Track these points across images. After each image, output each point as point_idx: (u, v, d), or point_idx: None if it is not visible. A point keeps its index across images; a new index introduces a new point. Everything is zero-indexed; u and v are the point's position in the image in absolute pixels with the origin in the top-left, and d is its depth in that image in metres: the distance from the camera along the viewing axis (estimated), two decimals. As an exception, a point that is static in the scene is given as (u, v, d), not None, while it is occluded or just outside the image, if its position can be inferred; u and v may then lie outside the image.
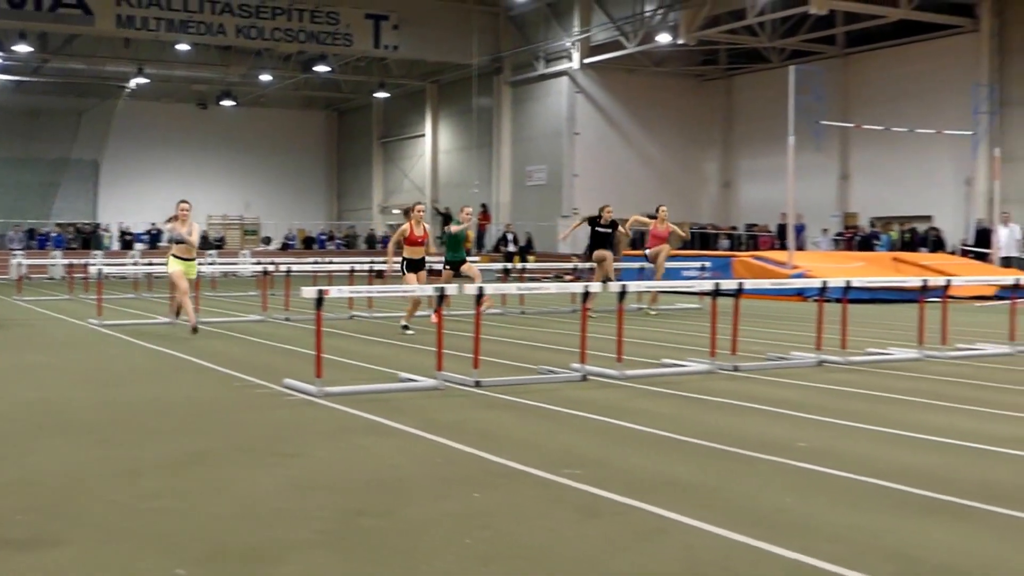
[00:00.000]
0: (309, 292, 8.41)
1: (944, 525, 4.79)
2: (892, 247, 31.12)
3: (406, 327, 13.68)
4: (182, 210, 13.18)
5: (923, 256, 26.67)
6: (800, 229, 31.73)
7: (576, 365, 9.66)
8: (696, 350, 11.10)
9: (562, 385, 9.16)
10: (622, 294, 10.19)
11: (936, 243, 30.91)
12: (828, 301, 11.67)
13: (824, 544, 4.41)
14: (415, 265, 13.92)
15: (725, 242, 37.73)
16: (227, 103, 48.38)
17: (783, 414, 7.78)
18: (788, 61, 34.66)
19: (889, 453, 6.41)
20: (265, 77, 45.02)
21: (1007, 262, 26.75)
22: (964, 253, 29.16)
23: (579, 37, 39.26)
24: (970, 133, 29.23)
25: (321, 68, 41.75)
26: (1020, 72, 31.68)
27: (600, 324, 10.52)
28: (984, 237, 28.82)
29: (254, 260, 30.25)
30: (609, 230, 17.03)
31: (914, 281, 13.04)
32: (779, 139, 27.75)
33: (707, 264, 20.15)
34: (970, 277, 19.07)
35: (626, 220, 18.88)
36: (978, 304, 19.68)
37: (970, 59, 32.57)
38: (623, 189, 39.44)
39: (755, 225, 37.92)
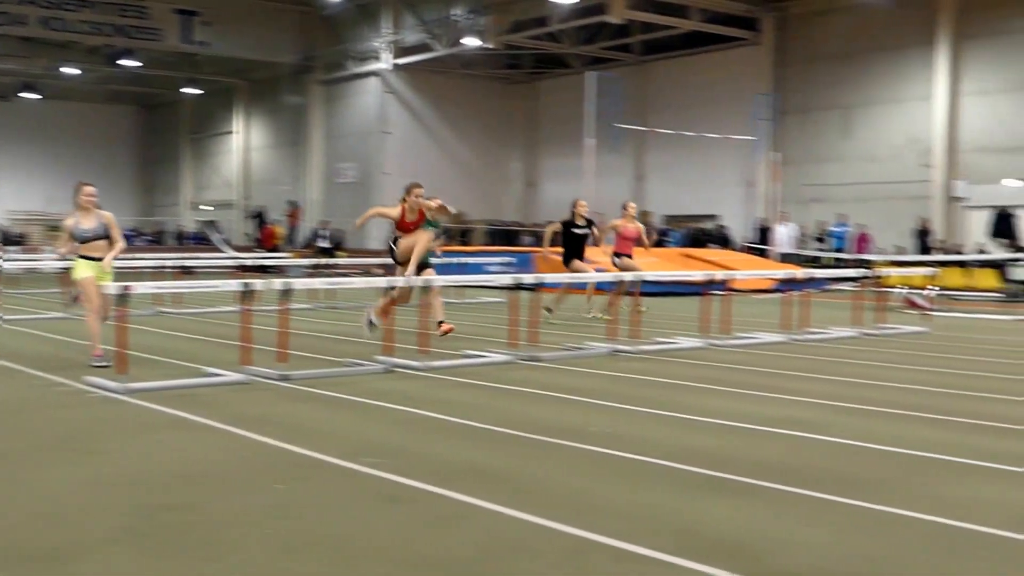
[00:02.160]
0: (113, 288, 8.11)
1: (722, 501, 5.02)
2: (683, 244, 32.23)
3: (372, 323, 11.58)
4: (87, 196, 9.95)
5: (711, 252, 27.71)
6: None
7: (381, 358, 9.65)
8: (498, 342, 11.24)
9: (367, 377, 9.13)
10: (425, 288, 10.23)
11: (723, 240, 32.20)
12: (622, 294, 12.02)
13: (611, 522, 4.55)
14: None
15: (528, 239, 38.27)
16: (30, 95, 46.01)
17: (578, 401, 7.97)
18: (589, 67, 35.39)
19: (673, 436, 6.66)
20: (70, 70, 43.04)
21: (785, 258, 28.15)
22: (747, 250, 30.46)
23: (389, 39, 39.10)
24: (752, 139, 30.58)
25: (128, 62, 40.22)
26: (798, 83, 33.31)
27: (405, 317, 10.54)
28: (765, 235, 30.24)
29: (58, 256, 28.87)
30: (586, 230, 15.13)
31: (700, 275, 13.55)
32: (580, 141, 28.37)
33: (511, 260, 20.44)
34: (751, 272, 19.98)
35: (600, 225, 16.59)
36: (758, 296, 20.62)
37: (753, 70, 34.03)
38: (432, 187, 39.17)
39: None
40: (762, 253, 29.23)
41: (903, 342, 13.03)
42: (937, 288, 18.63)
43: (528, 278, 11.72)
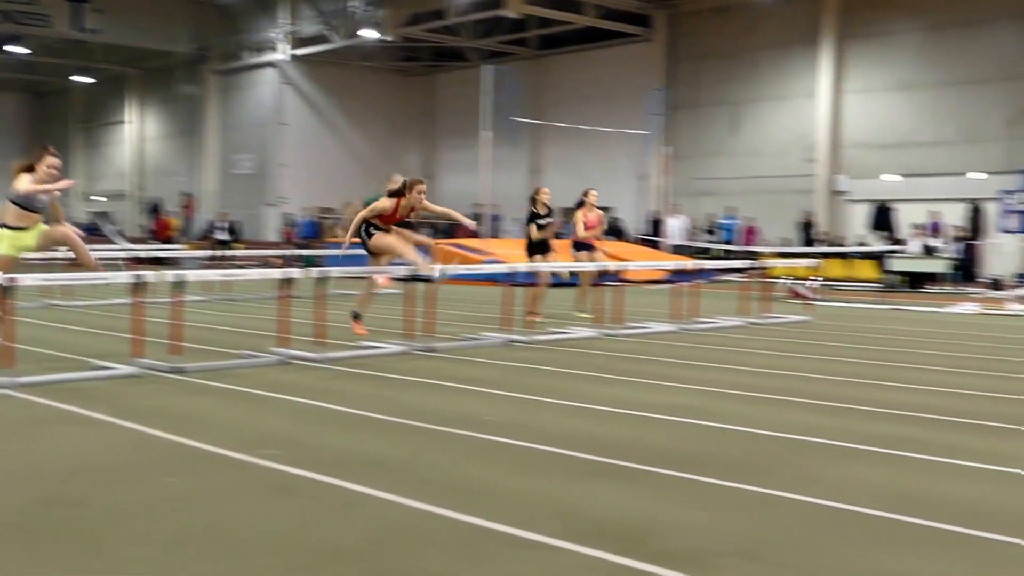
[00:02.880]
0: (-2, 280, 7.86)
1: (609, 486, 5.11)
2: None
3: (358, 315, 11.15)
4: (51, 167, 9.24)
5: (605, 244, 27.97)
6: (495, 219, 32.64)
7: (276, 349, 9.56)
8: (395, 332, 11.22)
9: (262, 369, 9.03)
10: (322, 279, 10.16)
11: (617, 232, 32.57)
12: (518, 285, 12.10)
13: (503, 508, 4.60)
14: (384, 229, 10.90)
15: (427, 230, 38.19)
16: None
17: (473, 390, 8.02)
18: (486, 61, 35.46)
19: (564, 423, 6.75)
20: (-47, 56, 41.59)
21: (677, 249, 28.63)
22: (640, 241, 30.89)
23: (286, 29, 38.60)
24: (645, 133, 30.99)
25: (16, 49, 38.93)
26: (689, 79, 33.85)
27: (302, 309, 10.45)
28: (657, 227, 30.70)
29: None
30: (551, 218, 14.24)
31: (594, 267, 13.71)
32: (477, 134, 28.41)
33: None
34: (644, 263, 20.28)
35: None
36: (650, 287, 20.94)
37: (647, 66, 34.48)
38: (330, 179, 39.23)
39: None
40: (654, 245, 29.68)
41: (787, 331, 13.37)
42: (820, 279, 19.16)
43: (424, 269, 11.70)
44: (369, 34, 35.25)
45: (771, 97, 32.22)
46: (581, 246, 14.71)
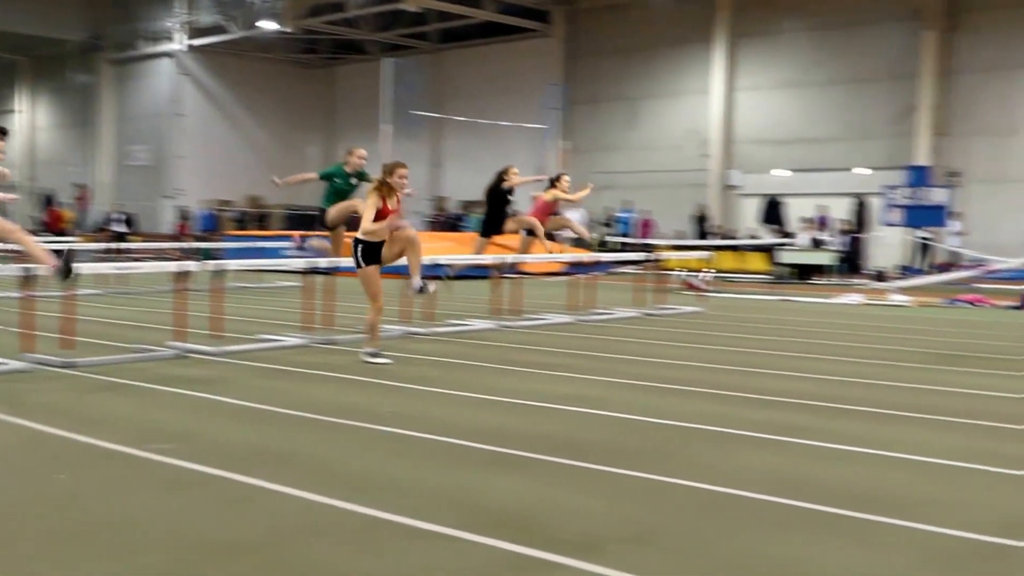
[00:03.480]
0: None
1: (505, 475, 5.12)
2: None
3: (374, 355, 9.06)
4: None
5: (505, 236, 28.02)
6: (397, 211, 32.38)
7: (172, 343, 9.37)
8: (294, 326, 11.09)
9: (157, 363, 8.84)
10: (219, 273, 9.99)
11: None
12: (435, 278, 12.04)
13: (400, 499, 4.58)
14: (374, 253, 9.12)
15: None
16: None
17: (372, 382, 7.97)
18: (386, 54, 35.21)
19: (462, 414, 6.75)
20: None
21: (575, 242, 28.81)
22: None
23: (183, 19, 37.80)
24: (544, 127, 31.13)
25: (-101, 35, 37.45)
26: (587, 74, 34.11)
27: (199, 302, 10.24)
28: (556, 220, 30.86)
29: None
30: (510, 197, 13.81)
31: (492, 259, 13.74)
32: (377, 127, 28.19)
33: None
34: (541, 255, 20.33)
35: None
36: (548, 279, 21.05)
37: (545, 60, 34.65)
38: (229, 172, 38.60)
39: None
40: (552, 237, 29.81)
41: (681, 321, 13.58)
42: (712, 271, 19.51)
43: (323, 262, 11.61)
44: (268, 25, 34.73)
45: (667, 93, 32.66)
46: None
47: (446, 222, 34.32)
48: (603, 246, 28.33)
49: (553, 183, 14.44)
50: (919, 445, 5.91)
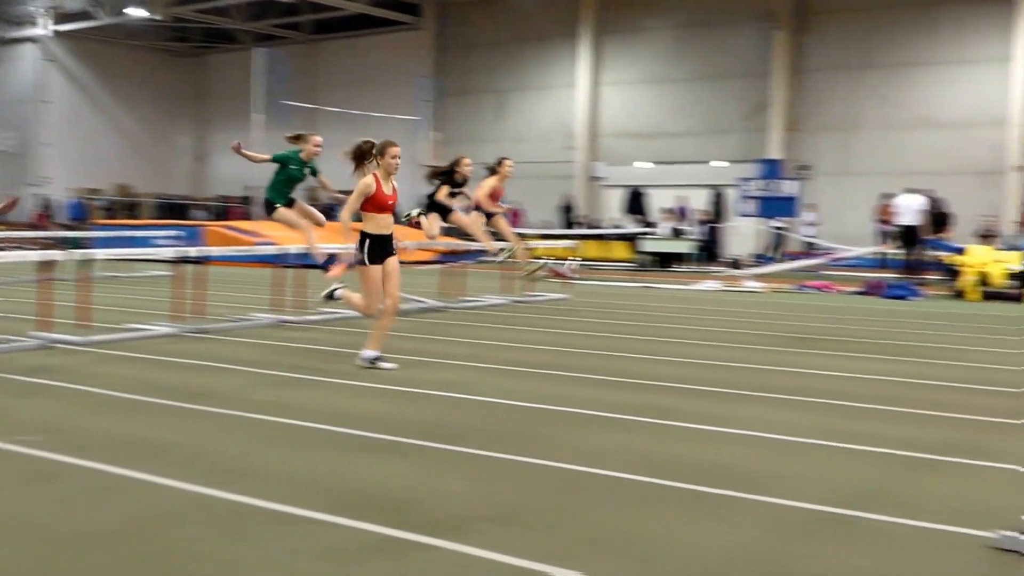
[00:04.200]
0: None
1: (376, 461, 5.09)
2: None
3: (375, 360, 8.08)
4: None
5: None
6: (269, 200, 31.82)
7: (36, 333, 9.00)
8: (164, 314, 10.79)
9: (21, 354, 8.47)
10: (86, 262, 9.64)
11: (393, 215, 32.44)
12: (289, 267, 11.88)
13: (271, 486, 4.51)
14: (382, 248, 8.22)
15: (200, 213, 36.94)
16: None
17: (242, 371, 7.81)
18: (258, 44, 34.49)
19: (331, 400, 6.69)
20: None
21: (449, 231, 28.76)
22: (415, 224, 30.84)
23: (48, 3, 36.29)
24: (416, 118, 31.00)
25: None
26: (458, 67, 34.09)
27: (66, 292, 9.87)
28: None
29: None
30: (463, 191, 13.18)
31: (416, 245, 13.61)
32: (250, 116, 27.64)
33: (180, 233, 19.67)
34: (415, 243, 20.25)
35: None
36: (421, 267, 20.99)
37: (417, 53, 34.50)
38: (97, 160, 37.32)
39: (227, 197, 37.55)
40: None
41: (547, 308, 13.72)
42: (578, 259, 19.73)
43: (193, 251, 11.34)
44: (136, 12, 33.62)
45: (535, 87, 32.89)
46: (491, 216, 13.65)
47: (320, 211, 33.86)
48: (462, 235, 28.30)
49: (495, 169, 13.76)
50: (769, 423, 6.10)
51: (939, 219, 21.84)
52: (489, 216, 13.67)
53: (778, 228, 25.88)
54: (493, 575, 3.52)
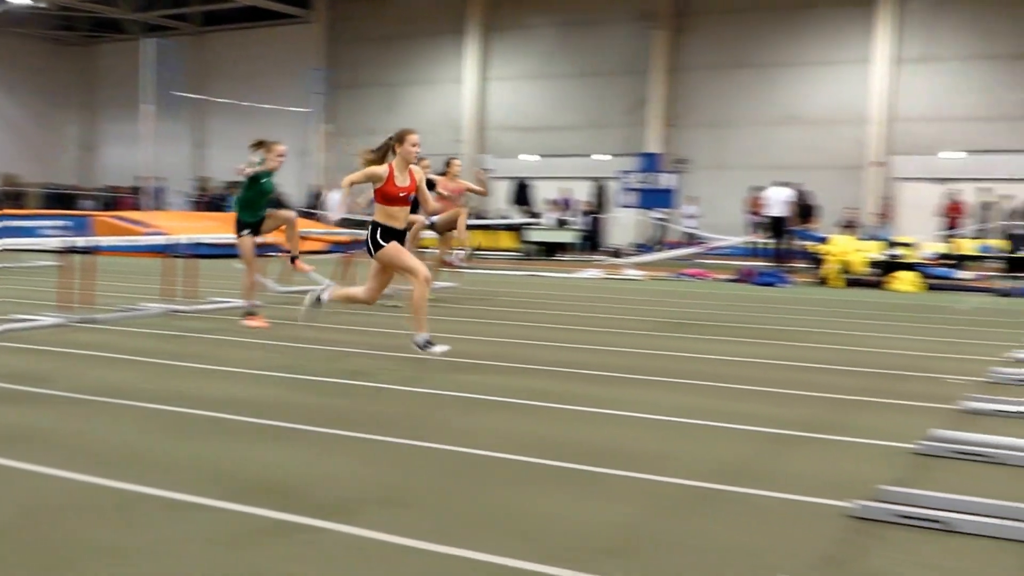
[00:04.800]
0: None
1: (265, 446, 5.02)
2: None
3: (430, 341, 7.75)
4: None
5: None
6: (158, 191, 31.10)
7: (-82, 324, 8.62)
8: (52, 305, 10.42)
9: (-98, 345, 8.11)
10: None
11: (281, 205, 31.95)
12: (179, 256, 11.61)
13: (160, 474, 4.41)
14: (393, 240, 7.72)
15: (88, 202, 35.75)
16: None
17: (132, 360, 7.61)
18: (147, 34, 33.53)
19: (222, 388, 6.56)
20: None
21: (340, 223, 28.47)
22: (303, 214, 30.44)
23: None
24: (307, 110, 30.56)
25: None
26: (348, 60, 33.70)
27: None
28: (319, 200, 30.42)
29: None
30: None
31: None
32: (139, 106, 26.86)
33: (68, 223, 19.02)
34: (307, 230, 19.97)
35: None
36: (314, 257, 20.72)
37: (308, 46, 34.01)
38: (-20, 148, 35.75)
39: (117, 187, 36.46)
40: (315, 217, 29.40)
41: (437, 296, 13.68)
42: (466, 248, 19.75)
43: (82, 241, 10.98)
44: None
45: (424, 81, 32.75)
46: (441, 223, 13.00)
47: (210, 202, 33.15)
48: (364, 226, 28.09)
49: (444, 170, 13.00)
50: (647, 404, 6.22)
51: (805, 210, 22.54)
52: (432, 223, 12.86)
53: (660, 219, 26.33)
54: (382, 555, 3.52)
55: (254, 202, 9.95)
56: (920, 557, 3.60)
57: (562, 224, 26.22)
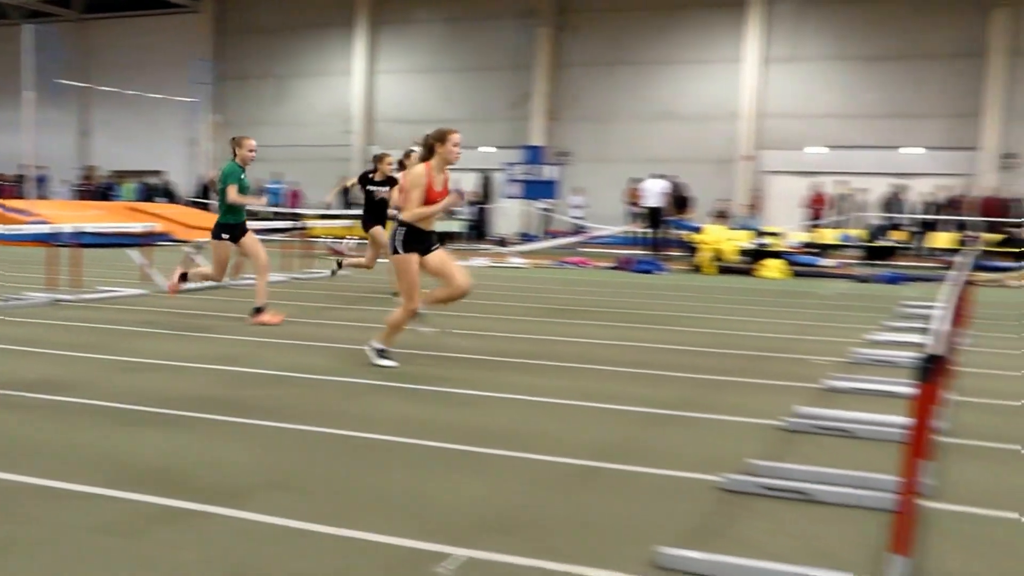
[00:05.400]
0: None
1: (152, 433, 4.89)
2: (131, 197, 30.65)
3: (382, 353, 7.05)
4: None
5: (157, 206, 26.66)
6: (41, 180, 29.92)
7: None
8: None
9: None
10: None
11: (169, 194, 31.08)
12: (63, 245, 11.20)
13: (43, 463, 4.27)
14: (420, 241, 7.14)
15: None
16: None
17: (15, 350, 7.32)
18: (27, 20, 32.13)
19: (109, 377, 6.36)
20: None
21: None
22: (191, 203, 29.71)
23: None
24: (195, 100, 29.76)
25: None
26: (236, 51, 32.93)
27: None
28: (207, 190, 29.70)
29: None
30: (385, 188, 11.64)
31: (140, 227, 13.02)
32: (20, 93, 25.73)
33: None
34: (194, 223, 19.54)
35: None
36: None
37: (195, 36, 33.11)
38: None
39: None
40: (204, 207, 28.69)
41: (326, 285, 13.53)
42: (355, 238, 19.57)
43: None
44: None
45: (312, 73, 32.25)
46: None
47: (96, 191, 32.01)
48: (255, 216, 27.56)
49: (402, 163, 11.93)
50: (533, 387, 6.28)
51: (680, 201, 23.02)
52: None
53: (545, 209, 26.52)
54: (273, 538, 3.47)
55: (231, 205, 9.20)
56: (785, 526, 3.73)
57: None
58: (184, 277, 9.67)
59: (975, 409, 5.91)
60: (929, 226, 22.76)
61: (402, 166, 11.50)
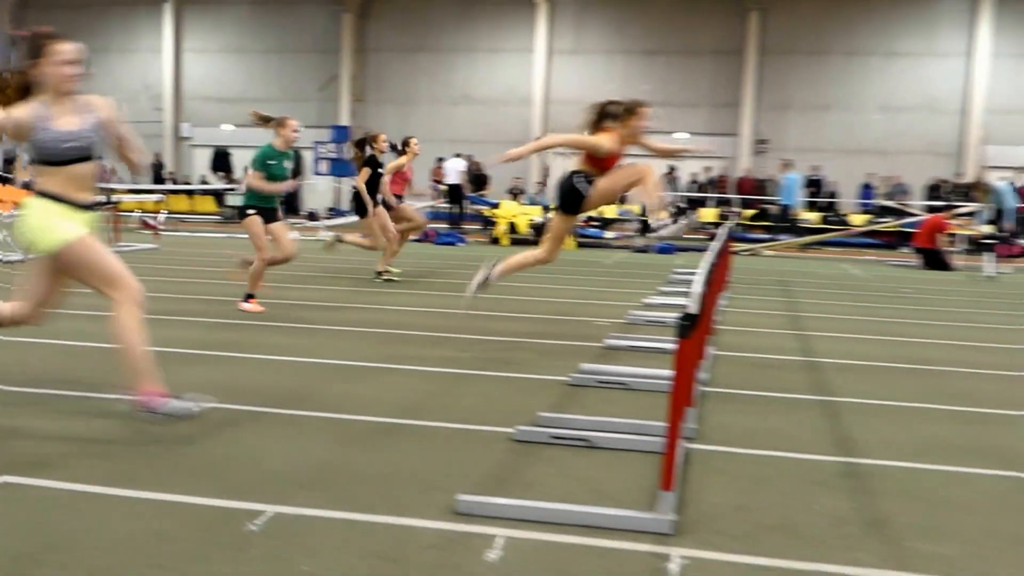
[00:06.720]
0: None
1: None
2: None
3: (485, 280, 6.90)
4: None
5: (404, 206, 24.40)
6: None
7: None
8: None
9: None
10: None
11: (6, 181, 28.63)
12: None
13: None
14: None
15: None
16: None
17: None
18: None
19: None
20: None
21: (27, 185, 25.92)
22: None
23: None
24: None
25: None
26: (38, 25, 30.55)
27: None
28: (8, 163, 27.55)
29: None
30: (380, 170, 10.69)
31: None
32: None
33: None
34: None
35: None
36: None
37: (-7, 8, 30.45)
38: None
39: None
40: (10, 182, 26.59)
41: (138, 257, 12.85)
42: (166, 212, 18.70)
43: None
44: None
45: (120, 49, 30.36)
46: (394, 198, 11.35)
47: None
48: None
49: (403, 149, 11.56)
50: (337, 351, 6.19)
51: (479, 179, 23.21)
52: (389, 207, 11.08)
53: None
54: (78, 503, 3.27)
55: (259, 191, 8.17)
56: (570, 470, 3.84)
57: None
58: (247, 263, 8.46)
59: (731, 362, 6.28)
60: (697, 203, 23.92)
61: (402, 150, 11.43)
